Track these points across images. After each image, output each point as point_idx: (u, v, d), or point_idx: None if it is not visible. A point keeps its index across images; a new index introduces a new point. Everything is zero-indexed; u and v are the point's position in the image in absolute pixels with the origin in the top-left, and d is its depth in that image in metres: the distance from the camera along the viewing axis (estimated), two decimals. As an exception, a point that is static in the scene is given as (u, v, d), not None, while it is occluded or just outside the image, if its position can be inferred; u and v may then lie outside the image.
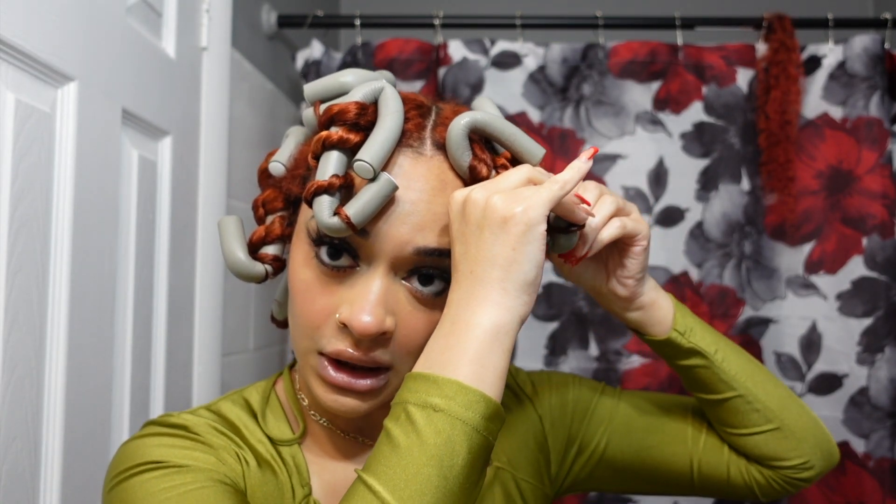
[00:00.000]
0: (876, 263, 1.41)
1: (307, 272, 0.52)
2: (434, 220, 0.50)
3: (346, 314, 0.49)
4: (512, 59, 1.49)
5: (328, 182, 0.48)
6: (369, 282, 0.50)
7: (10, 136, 0.70)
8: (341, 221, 0.47)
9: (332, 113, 0.50)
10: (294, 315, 0.53)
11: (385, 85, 0.52)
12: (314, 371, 0.52)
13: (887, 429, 1.38)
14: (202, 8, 1.17)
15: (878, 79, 1.43)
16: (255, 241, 0.57)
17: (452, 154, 0.51)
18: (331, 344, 0.50)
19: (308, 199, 0.48)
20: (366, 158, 0.47)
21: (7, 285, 0.69)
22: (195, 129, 1.15)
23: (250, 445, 0.56)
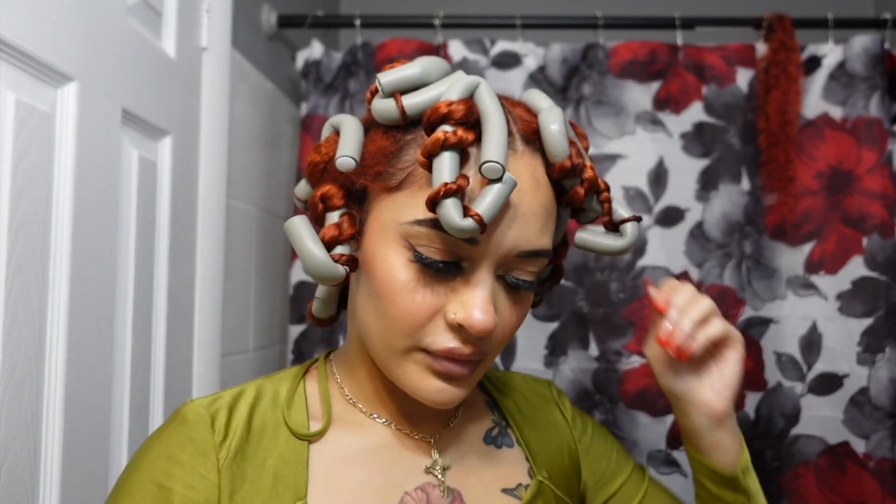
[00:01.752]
0: (876, 263, 1.41)
1: (405, 273, 0.51)
2: (534, 220, 0.52)
3: (461, 315, 0.51)
4: (512, 59, 1.49)
5: (458, 184, 0.47)
6: (479, 282, 0.51)
7: (9, 136, 0.70)
8: (475, 223, 0.47)
9: (443, 113, 0.50)
10: (388, 316, 0.52)
11: (480, 80, 0.52)
12: (419, 364, 0.53)
13: (888, 429, 1.38)
14: (202, 8, 1.17)
15: (878, 79, 1.43)
16: (329, 241, 0.54)
17: (554, 150, 0.52)
18: (440, 342, 0.52)
19: (435, 201, 0.48)
20: (495, 158, 0.47)
21: (7, 285, 0.69)
22: (195, 129, 1.15)
23: (259, 446, 0.55)
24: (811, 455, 1.42)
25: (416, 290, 0.51)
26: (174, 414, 0.57)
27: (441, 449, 0.61)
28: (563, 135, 0.52)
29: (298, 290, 1.45)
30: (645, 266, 1.45)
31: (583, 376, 1.43)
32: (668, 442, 1.41)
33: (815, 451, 1.42)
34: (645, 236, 1.46)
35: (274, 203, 1.53)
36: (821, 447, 1.42)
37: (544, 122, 0.52)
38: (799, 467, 1.42)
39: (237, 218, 1.32)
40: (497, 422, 0.67)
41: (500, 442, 0.65)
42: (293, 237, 0.54)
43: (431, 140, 0.49)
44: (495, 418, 0.67)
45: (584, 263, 1.46)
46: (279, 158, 1.57)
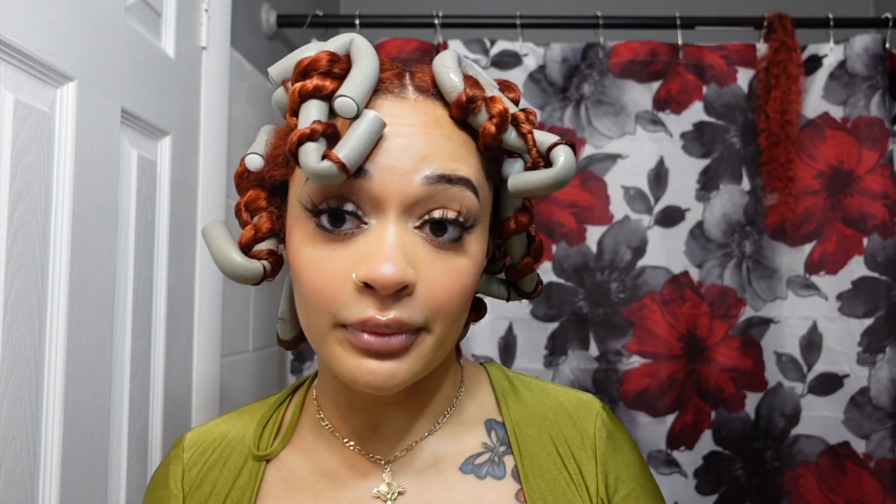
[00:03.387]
0: (877, 263, 1.41)
1: (310, 248, 0.48)
2: (436, 148, 0.47)
3: (363, 271, 0.45)
4: (512, 58, 1.49)
5: (310, 128, 0.44)
6: (382, 232, 0.46)
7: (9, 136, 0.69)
8: (332, 164, 0.43)
9: (304, 65, 0.47)
10: (304, 296, 0.48)
11: (355, 35, 0.50)
12: (342, 343, 0.47)
13: (888, 429, 1.38)
14: (201, 8, 1.17)
15: (878, 78, 1.43)
16: (246, 242, 0.53)
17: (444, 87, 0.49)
18: (353, 312, 0.46)
19: (293, 151, 0.45)
20: (346, 93, 0.44)
21: (6, 285, 0.69)
22: (195, 129, 1.15)
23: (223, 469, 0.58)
24: (811, 455, 1.42)
25: (322, 260, 0.47)
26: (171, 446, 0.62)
27: (399, 473, 0.55)
28: (452, 70, 0.49)
29: (298, 290, 1.45)
30: (645, 266, 1.44)
31: (583, 376, 1.43)
32: (668, 442, 1.41)
33: (815, 451, 1.42)
34: (645, 236, 1.46)
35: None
36: (821, 447, 1.41)
37: (435, 63, 0.50)
38: (799, 467, 1.42)
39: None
40: (491, 447, 0.57)
41: (484, 472, 0.56)
42: (207, 242, 0.53)
43: (290, 95, 0.47)
44: (490, 442, 0.57)
45: (584, 263, 1.46)
46: (279, 158, 1.57)
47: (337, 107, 0.45)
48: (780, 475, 1.44)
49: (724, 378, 1.43)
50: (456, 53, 0.51)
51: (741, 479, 1.44)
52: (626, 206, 1.46)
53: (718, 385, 1.43)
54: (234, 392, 1.31)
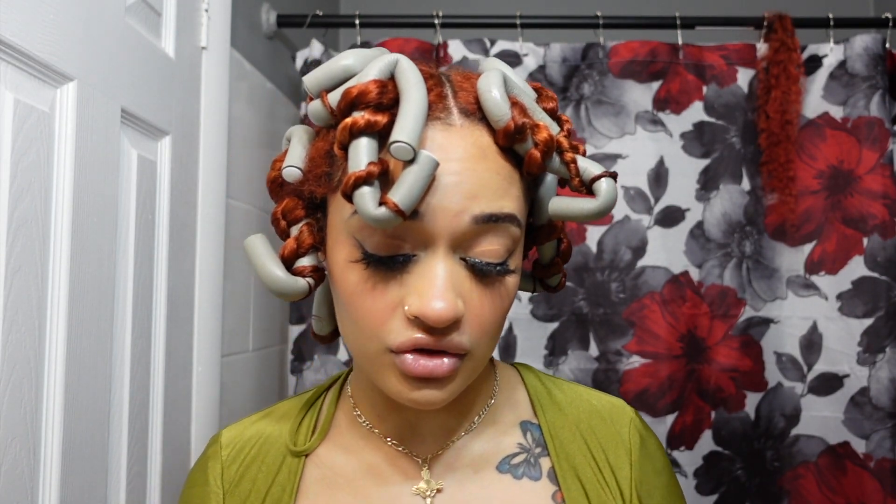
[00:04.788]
0: (877, 263, 1.41)
1: (355, 273, 0.48)
2: (484, 186, 0.47)
3: (415, 306, 0.46)
4: (512, 58, 1.49)
5: (366, 171, 0.44)
6: (432, 266, 0.47)
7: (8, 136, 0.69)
8: (389, 211, 0.43)
9: (352, 97, 0.46)
10: (353, 321, 0.49)
11: (399, 57, 0.48)
12: (391, 368, 0.49)
13: (888, 429, 1.38)
14: (201, 8, 1.17)
15: (878, 78, 1.43)
16: (289, 256, 0.52)
17: (492, 114, 0.48)
18: (401, 336, 0.47)
19: (347, 193, 0.44)
20: (403, 139, 0.43)
21: (6, 285, 0.69)
22: (194, 129, 1.15)
23: (262, 467, 0.58)
24: (811, 455, 1.42)
25: (373, 288, 0.48)
26: (207, 443, 0.62)
27: (438, 471, 0.57)
28: (499, 97, 0.48)
29: (298, 290, 1.45)
30: (645, 266, 1.44)
31: (583, 376, 1.43)
32: (668, 442, 1.41)
33: (815, 451, 1.42)
34: (645, 236, 1.45)
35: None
36: (821, 447, 1.41)
37: (480, 88, 0.49)
38: (799, 467, 1.42)
39: (237, 218, 1.32)
40: (527, 448, 0.58)
41: (520, 472, 0.57)
42: (250, 257, 0.52)
43: (340, 129, 0.46)
44: (525, 443, 0.59)
45: (584, 263, 1.46)
46: (279, 158, 1.57)
47: (393, 152, 0.44)
48: (780, 475, 1.44)
49: (724, 378, 1.43)
50: (502, 75, 0.50)
51: (741, 480, 1.44)
52: (626, 205, 1.46)
53: (718, 385, 1.43)
54: (234, 392, 1.31)
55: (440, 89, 0.50)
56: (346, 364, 1.44)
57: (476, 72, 0.54)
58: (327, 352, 1.44)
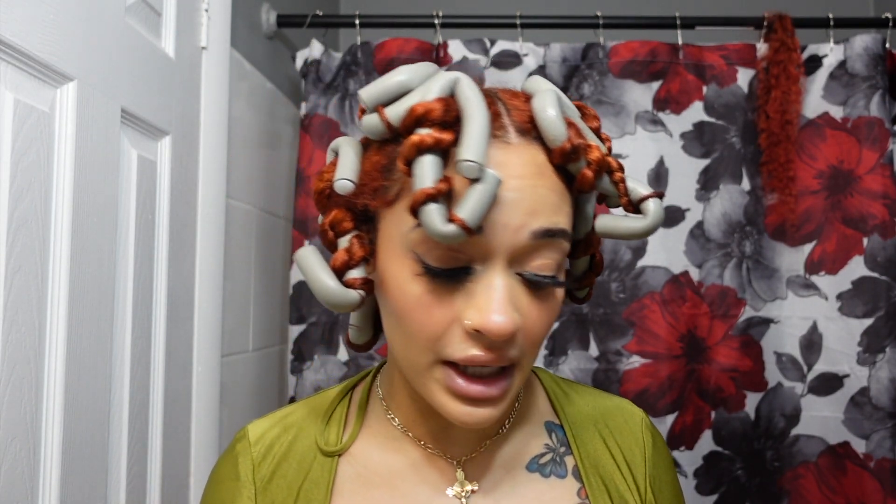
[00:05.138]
0: (876, 263, 1.41)
1: (416, 286, 0.49)
2: (542, 202, 0.49)
3: (476, 320, 0.47)
4: (512, 58, 1.49)
5: (436, 189, 0.45)
6: (491, 281, 0.48)
7: (9, 136, 0.69)
8: (457, 227, 0.45)
9: (418, 115, 0.47)
10: (407, 333, 0.51)
11: (459, 75, 0.49)
12: (441, 384, 0.51)
13: (888, 429, 1.38)
14: (201, 8, 1.17)
15: (878, 78, 1.43)
16: (340, 267, 0.52)
17: (549, 134, 0.49)
18: (460, 351, 0.49)
19: (415, 210, 0.46)
20: (471, 157, 0.45)
21: (6, 285, 0.69)
22: (194, 129, 1.15)
23: (293, 467, 0.58)
24: (811, 455, 1.42)
25: (431, 302, 0.49)
26: (233, 439, 0.62)
27: (471, 472, 0.59)
28: (556, 118, 0.49)
29: (298, 290, 1.45)
30: (645, 266, 1.44)
31: (583, 376, 1.43)
32: (668, 442, 1.41)
33: (815, 451, 1.42)
34: (645, 236, 1.45)
35: (274, 203, 1.53)
36: (821, 447, 1.41)
37: (536, 108, 0.50)
38: (799, 467, 1.42)
39: (237, 218, 1.32)
40: (553, 447, 0.61)
41: (548, 471, 0.60)
42: (303, 269, 0.52)
43: (407, 145, 0.47)
44: (551, 443, 0.62)
45: (584, 263, 1.45)
46: (279, 158, 1.57)
47: (461, 170, 0.45)
48: (780, 475, 1.44)
49: (724, 378, 1.43)
50: (556, 95, 0.51)
51: (741, 479, 1.44)
52: (626, 206, 1.46)
53: (718, 385, 1.43)
54: (234, 392, 1.31)
55: (495, 108, 0.51)
56: (346, 364, 1.44)
57: (512, 87, 0.56)
58: (327, 352, 1.45)
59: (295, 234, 1.46)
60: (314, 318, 1.45)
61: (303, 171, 1.46)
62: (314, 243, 1.46)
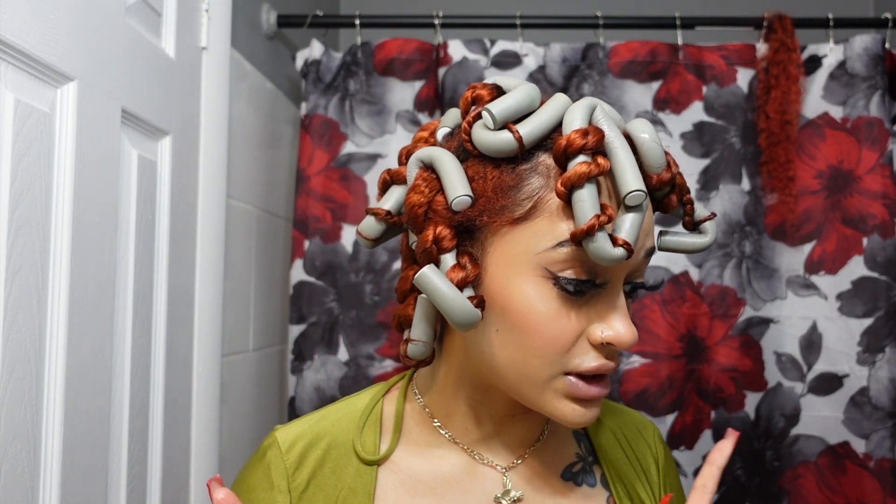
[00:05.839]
0: (876, 263, 1.41)
1: (546, 304, 0.51)
2: (651, 224, 0.54)
3: (610, 333, 0.52)
4: (512, 58, 1.49)
5: (608, 216, 0.48)
6: (615, 296, 0.53)
7: (9, 136, 0.70)
8: (625, 251, 0.48)
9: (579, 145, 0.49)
10: (532, 348, 0.52)
11: (597, 103, 0.53)
12: (560, 392, 0.53)
13: (888, 429, 1.38)
14: (202, 8, 1.17)
15: (878, 78, 1.43)
16: (459, 286, 0.52)
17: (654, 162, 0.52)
18: (587, 362, 0.52)
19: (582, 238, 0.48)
20: (639, 187, 0.49)
21: (6, 285, 0.69)
22: (195, 129, 1.15)
23: (331, 476, 0.57)
24: (811, 455, 1.42)
25: (561, 318, 0.51)
26: (260, 446, 0.61)
27: (514, 479, 0.60)
28: (659, 146, 0.52)
29: (298, 290, 1.45)
30: (645, 266, 1.45)
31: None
32: (667, 442, 1.41)
33: (815, 451, 1.42)
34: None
35: (274, 203, 1.53)
36: (821, 447, 1.42)
37: (637, 135, 0.53)
38: (799, 467, 1.42)
39: (237, 218, 1.32)
40: (582, 457, 0.64)
41: (580, 479, 0.62)
42: (429, 289, 0.51)
43: (576, 174, 0.48)
44: (581, 452, 0.64)
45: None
46: (279, 158, 1.57)
47: (629, 200, 0.49)
48: (780, 475, 1.44)
49: (724, 378, 1.44)
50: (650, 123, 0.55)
51: (741, 479, 1.44)
52: (625, 206, 1.46)
53: (718, 385, 1.43)
54: (234, 392, 1.31)
55: None
56: (347, 364, 1.44)
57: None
58: (327, 352, 1.45)
59: (295, 234, 1.46)
60: (314, 318, 1.45)
61: (303, 171, 1.47)
62: (314, 243, 1.46)
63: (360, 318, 1.45)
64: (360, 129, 1.49)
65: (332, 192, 1.47)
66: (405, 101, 1.50)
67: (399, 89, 1.50)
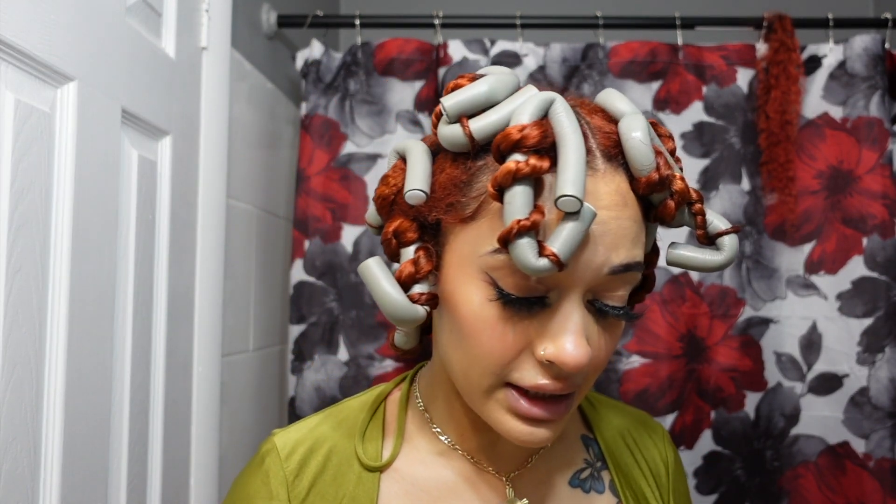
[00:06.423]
0: (876, 263, 1.41)
1: (489, 310, 0.48)
2: (624, 236, 0.47)
3: (551, 351, 0.47)
4: (512, 59, 1.49)
5: (531, 221, 0.43)
6: (568, 313, 0.47)
7: (9, 136, 0.70)
8: (550, 263, 0.43)
9: (514, 140, 0.45)
10: (473, 354, 0.49)
11: (555, 97, 0.47)
12: (502, 405, 0.50)
13: (888, 429, 1.38)
14: (202, 8, 1.17)
15: (878, 79, 1.43)
16: (406, 280, 0.51)
17: (639, 163, 0.47)
18: (528, 378, 0.48)
19: (506, 241, 0.44)
20: (572, 193, 0.43)
21: (6, 285, 0.69)
22: (195, 129, 1.15)
23: (332, 483, 0.56)
24: (811, 455, 1.42)
25: (502, 327, 0.48)
26: (257, 453, 0.59)
27: (519, 487, 0.58)
28: (647, 146, 0.47)
29: (298, 290, 1.45)
30: (645, 266, 1.45)
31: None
32: (668, 442, 1.41)
33: (815, 451, 1.42)
34: (645, 236, 1.46)
35: (274, 203, 1.53)
36: (821, 447, 1.42)
37: (625, 133, 0.48)
38: (799, 467, 1.42)
39: (237, 218, 1.32)
40: (590, 462, 0.62)
41: (588, 486, 0.60)
42: (369, 281, 0.50)
43: (502, 172, 0.44)
44: (589, 458, 0.62)
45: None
46: (279, 158, 1.57)
47: (561, 206, 0.43)
48: (780, 475, 1.44)
49: (724, 378, 1.44)
50: (645, 121, 0.49)
51: (741, 479, 1.44)
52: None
53: (718, 385, 1.44)
54: (234, 392, 1.31)
55: (581, 129, 0.49)
56: (347, 364, 1.44)
57: (586, 99, 0.53)
58: (327, 352, 1.45)
59: (295, 234, 1.46)
60: (314, 318, 1.45)
61: (303, 171, 1.47)
62: (315, 243, 1.46)
63: (361, 318, 1.45)
64: (360, 129, 1.49)
65: (332, 192, 1.47)
66: (405, 102, 1.50)
67: (399, 89, 1.50)
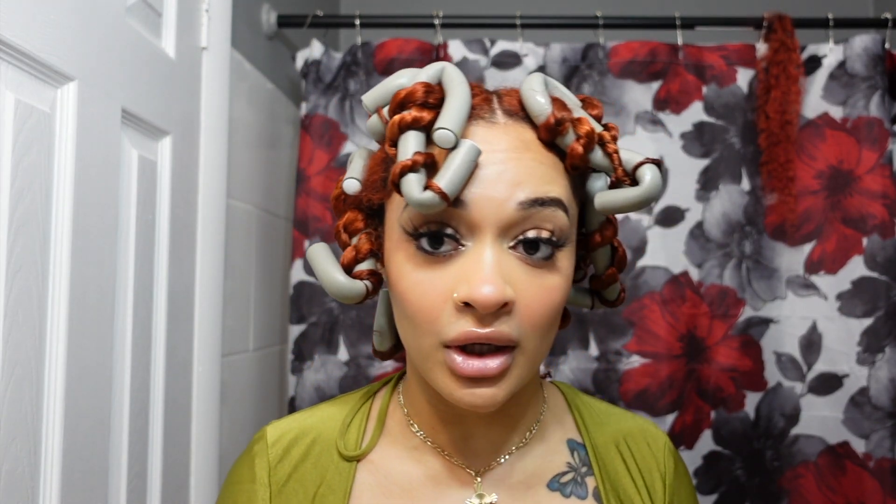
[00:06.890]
0: (876, 263, 1.41)
1: (412, 270, 0.50)
2: (528, 173, 0.49)
3: (464, 291, 0.47)
4: (512, 59, 1.49)
5: (412, 160, 0.47)
6: (480, 254, 0.48)
7: (9, 136, 0.70)
8: (434, 194, 0.46)
9: (400, 98, 0.50)
10: (408, 317, 0.51)
11: (447, 64, 0.52)
12: (443, 367, 0.50)
13: (888, 429, 1.38)
14: (202, 8, 1.17)
15: (878, 79, 1.43)
16: (348, 263, 0.54)
17: (533, 109, 0.51)
18: (454, 328, 0.48)
19: (395, 182, 0.47)
20: (445, 125, 0.47)
21: (7, 285, 0.69)
22: (195, 129, 1.15)
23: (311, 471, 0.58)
24: (811, 455, 1.42)
25: (425, 283, 0.49)
26: (251, 440, 0.61)
27: (491, 485, 0.58)
28: (539, 93, 0.51)
29: (298, 290, 1.45)
30: (645, 266, 1.45)
31: (583, 376, 1.43)
32: (668, 442, 1.41)
33: (815, 451, 1.42)
34: (645, 236, 1.46)
35: (274, 203, 1.53)
36: (821, 447, 1.42)
37: (522, 88, 0.52)
38: (799, 467, 1.42)
39: (237, 218, 1.32)
40: (574, 467, 0.60)
41: (568, 490, 0.59)
42: (313, 264, 0.54)
43: (389, 126, 0.50)
44: (573, 462, 0.60)
45: (584, 263, 1.46)
46: (279, 158, 1.57)
47: (436, 138, 0.47)
48: (780, 475, 1.44)
49: (724, 378, 1.44)
50: (542, 77, 0.53)
51: (741, 479, 1.44)
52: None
53: (718, 385, 1.44)
54: (234, 392, 1.31)
55: (486, 95, 0.54)
56: (347, 364, 1.45)
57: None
58: (327, 352, 1.45)
59: (295, 234, 1.46)
60: (314, 318, 1.45)
61: (303, 171, 1.47)
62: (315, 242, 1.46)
63: (361, 318, 1.45)
64: (360, 129, 1.49)
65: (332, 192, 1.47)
66: (405, 101, 1.50)
67: (399, 89, 1.50)
